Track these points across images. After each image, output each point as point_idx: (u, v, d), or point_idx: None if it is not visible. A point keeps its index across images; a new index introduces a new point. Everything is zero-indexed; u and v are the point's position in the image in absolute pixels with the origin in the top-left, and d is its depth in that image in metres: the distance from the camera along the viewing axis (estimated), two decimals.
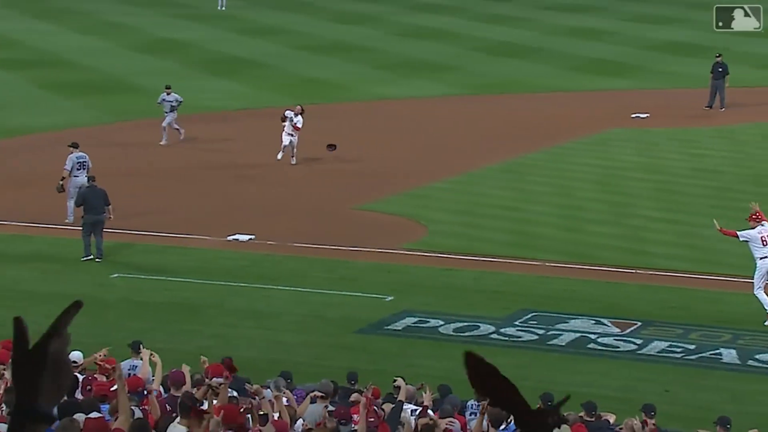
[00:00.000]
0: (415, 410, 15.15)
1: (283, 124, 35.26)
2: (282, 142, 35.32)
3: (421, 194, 33.17)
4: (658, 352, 21.48)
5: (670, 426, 16.54)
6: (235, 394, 14.70)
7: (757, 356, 21.13)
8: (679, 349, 21.53)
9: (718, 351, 21.43)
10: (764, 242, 22.92)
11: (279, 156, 35.13)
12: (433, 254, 27.57)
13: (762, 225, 23.11)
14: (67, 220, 29.32)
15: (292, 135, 35.22)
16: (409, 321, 23.25)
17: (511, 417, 3.46)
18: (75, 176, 29.26)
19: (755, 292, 22.91)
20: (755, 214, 23.21)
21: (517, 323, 23.01)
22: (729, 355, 21.25)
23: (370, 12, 72.40)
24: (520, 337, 22.31)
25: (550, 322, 23.09)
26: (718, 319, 23.13)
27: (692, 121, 42.17)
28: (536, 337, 22.36)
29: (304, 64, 55.98)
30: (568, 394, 3.82)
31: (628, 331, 22.51)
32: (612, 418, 16.23)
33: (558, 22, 67.57)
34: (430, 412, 14.62)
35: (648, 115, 43.13)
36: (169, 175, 35.61)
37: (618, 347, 21.77)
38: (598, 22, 66.82)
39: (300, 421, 14.25)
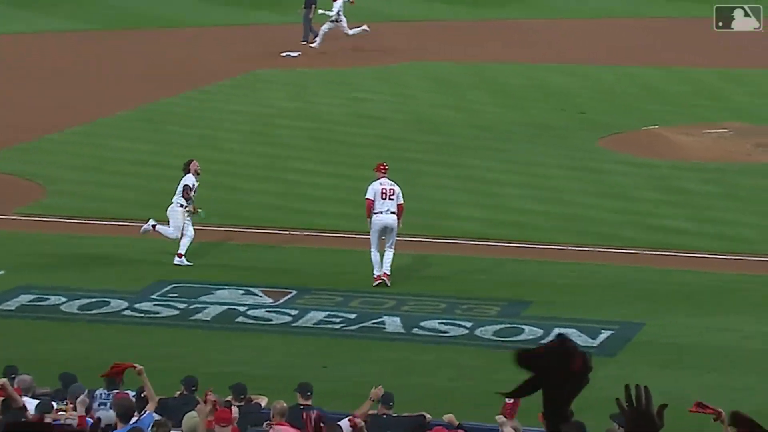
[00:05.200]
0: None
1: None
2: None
3: (37, 148, 32.63)
4: (315, 323, 22.09)
5: (330, 405, 17.07)
6: None
7: (421, 323, 22.05)
8: (338, 320, 22.20)
9: (381, 320, 22.24)
10: (384, 195, 23.84)
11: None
12: (52, 219, 27.26)
13: (385, 176, 24.15)
14: None
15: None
16: (24, 299, 22.96)
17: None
18: None
19: (371, 251, 23.76)
20: (381, 165, 24.42)
21: (154, 297, 23.10)
22: (393, 323, 22.09)
23: None
24: (158, 313, 22.42)
25: (192, 293, 23.29)
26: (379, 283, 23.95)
27: (347, 61, 43.05)
28: (177, 312, 22.54)
29: None
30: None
31: (282, 300, 23.03)
32: (264, 401, 16.59)
33: None
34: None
35: (299, 53, 43.83)
36: None
37: (271, 320, 22.24)
38: None
39: None
